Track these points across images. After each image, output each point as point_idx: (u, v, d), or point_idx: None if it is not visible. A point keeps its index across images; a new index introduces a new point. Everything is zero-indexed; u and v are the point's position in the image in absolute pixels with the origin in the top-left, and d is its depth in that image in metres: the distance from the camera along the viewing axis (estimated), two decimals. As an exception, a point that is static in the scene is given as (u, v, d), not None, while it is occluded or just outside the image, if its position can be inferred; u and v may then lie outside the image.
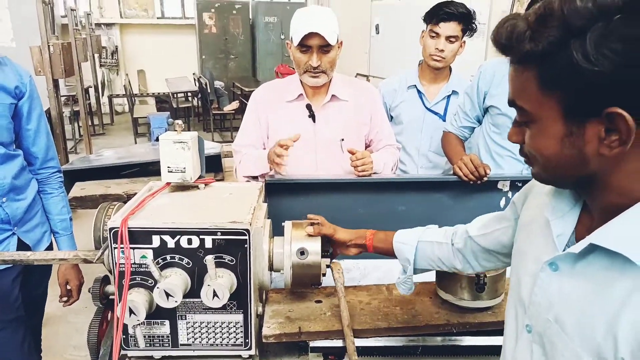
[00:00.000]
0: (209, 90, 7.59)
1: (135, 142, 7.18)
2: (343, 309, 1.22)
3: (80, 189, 2.41)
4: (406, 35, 7.19)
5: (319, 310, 1.32)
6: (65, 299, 1.75)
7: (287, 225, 1.29)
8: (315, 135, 1.87)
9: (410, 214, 1.78)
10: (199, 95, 8.36)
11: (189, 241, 1.14)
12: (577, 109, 0.64)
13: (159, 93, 9.46)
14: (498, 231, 1.02)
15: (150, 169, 2.85)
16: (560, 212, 0.77)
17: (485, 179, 1.65)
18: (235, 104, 7.83)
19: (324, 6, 6.72)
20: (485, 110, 1.90)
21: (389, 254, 1.22)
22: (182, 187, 1.38)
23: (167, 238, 1.13)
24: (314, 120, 1.87)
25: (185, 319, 1.20)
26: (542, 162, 0.72)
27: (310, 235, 1.24)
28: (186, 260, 1.15)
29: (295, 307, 1.34)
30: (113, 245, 1.13)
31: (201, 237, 1.13)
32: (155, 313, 1.18)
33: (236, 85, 8.87)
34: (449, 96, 2.20)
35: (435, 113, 2.21)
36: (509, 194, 1.77)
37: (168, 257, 1.14)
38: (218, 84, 8.34)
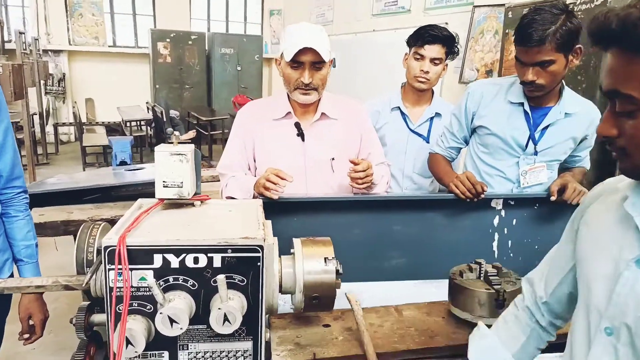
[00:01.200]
0: (164, 119, 7.38)
1: (84, 171, 6.81)
2: (367, 343, 1.14)
3: (39, 215, 2.19)
4: (359, 69, 7.43)
5: (329, 334, 1.23)
6: (26, 335, 1.55)
7: (297, 242, 1.20)
8: (304, 155, 1.80)
9: (405, 233, 1.73)
10: (153, 124, 8.11)
11: (196, 260, 1.02)
12: None
13: (109, 122, 9.10)
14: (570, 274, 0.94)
15: (112, 195, 2.67)
16: None
17: (482, 196, 1.63)
18: (192, 133, 7.65)
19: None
20: (473, 131, 1.91)
21: None
22: (177, 205, 1.26)
23: (170, 257, 1.01)
24: (302, 139, 1.80)
25: (187, 349, 1.07)
26: None
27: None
28: (191, 281, 1.03)
29: (303, 333, 1.23)
30: (108, 267, 1.00)
31: (209, 255, 1.02)
32: (152, 343, 1.04)
33: (192, 114, 8.70)
34: (432, 118, 2.21)
35: (419, 135, 2.21)
36: (502, 212, 1.77)
37: (171, 278, 1.02)
38: (173, 113, 8.15)
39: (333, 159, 1.81)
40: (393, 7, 6.98)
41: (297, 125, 1.80)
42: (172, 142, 1.23)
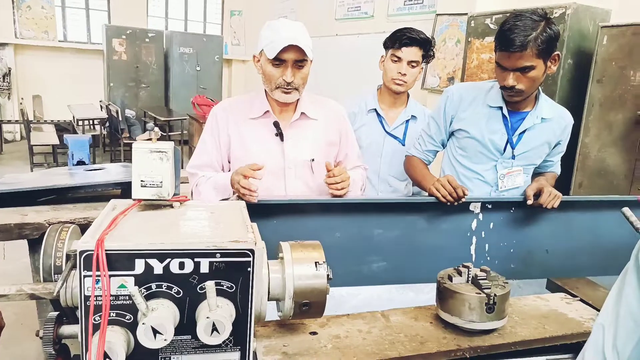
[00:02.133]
0: (120, 119, 7.09)
1: (32, 172, 6.43)
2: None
3: (-11, 217, 2.02)
4: (320, 72, 7.42)
5: (317, 342, 1.17)
6: None
7: (285, 246, 1.15)
8: (283, 155, 1.74)
9: (385, 237, 1.71)
10: (107, 124, 7.78)
11: (181, 265, 0.95)
12: None
13: (58, 120, 8.65)
14: None
15: (68, 196, 2.50)
16: None
17: (463, 200, 1.63)
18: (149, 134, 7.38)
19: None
20: (451, 134, 1.91)
21: None
22: (154, 206, 1.18)
23: (153, 262, 0.93)
24: (282, 139, 1.75)
25: (170, 362, 0.99)
26: None
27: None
28: (176, 288, 0.95)
29: (290, 341, 1.17)
30: (84, 273, 0.90)
31: (196, 260, 0.95)
32: (132, 356, 0.96)
33: (149, 114, 8.41)
34: (407, 121, 2.21)
35: (395, 137, 2.20)
36: (480, 216, 1.78)
37: (153, 285, 0.94)
38: (129, 112, 7.85)
39: (313, 159, 1.76)
40: (356, 13, 7.03)
41: (276, 124, 1.74)
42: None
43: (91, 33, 9.73)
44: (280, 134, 1.74)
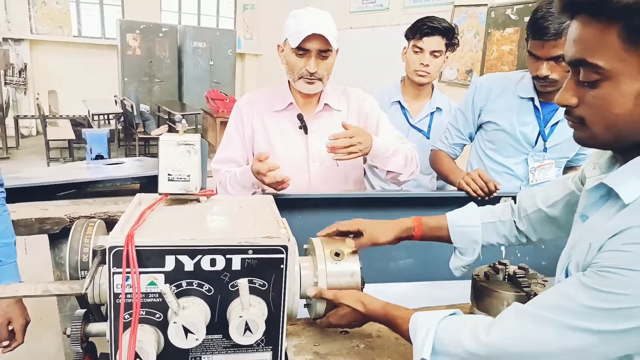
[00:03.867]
0: (134, 113, 7.10)
1: (49, 167, 6.48)
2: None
3: (10, 211, 2.00)
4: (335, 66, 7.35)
5: (348, 342, 1.13)
6: (6, 342, 1.40)
7: (317, 242, 1.11)
8: (307, 148, 1.70)
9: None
10: (122, 119, 7.81)
11: (212, 262, 0.91)
12: None
13: (73, 115, 8.70)
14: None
15: (87, 191, 2.49)
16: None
17: (495, 194, 1.58)
18: (164, 128, 7.39)
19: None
20: (479, 127, 1.85)
21: (441, 240, 1.21)
22: (180, 201, 1.14)
23: (184, 258, 0.90)
24: (305, 132, 1.70)
25: (200, 362, 0.96)
26: (609, 122, 0.73)
27: (353, 252, 1.06)
28: (207, 286, 0.92)
29: (320, 341, 1.14)
30: (113, 270, 0.87)
31: (227, 256, 0.91)
32: (161, 356, 0.92)
33: (163, 109, 8.42)
34: (432, 113, 2.15)
35: (420, 130, 2.14)
36: (510, 211, 1.72)
37: (184, 282, 0.91)
38: (143, 107, 7.86)
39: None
40: (371, 5, 6.94)
41: (300, 117, 1.70)
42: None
43: (105, 28, 9.75)
44: (304, 127, 1.69)
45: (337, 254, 1.06)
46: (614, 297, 0.69)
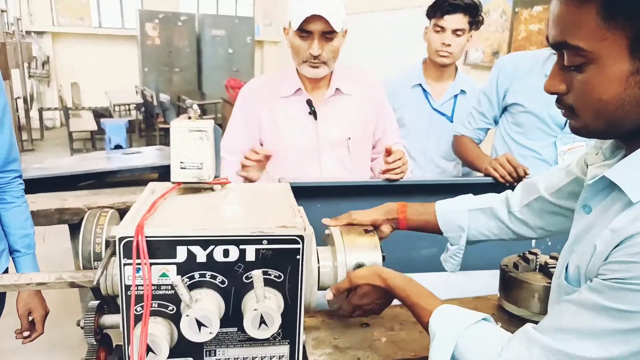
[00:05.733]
0: (154, 103, 7.14)
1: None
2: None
3: (30, 202, 2.01)
4: (354, 50, 7.24)
5: (370, 335, 1.09)
6: (26, 333, 1.40)
7: (335, 231, 1.06)
8: (317, 134, 1.64)
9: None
10: (142, 109, 7.86)
11: (226, 253, 0.87)
12: None
13: (96, 107, 8.81)
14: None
15: (107, 181, 2.49)
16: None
17: (524, 180, 1.50)
18: (183, 117, 7.42)
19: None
20: (504, 109, 1.77)
21: (428, 228, 1.13)
22: (194, 189, 1.10)
23: (196, 249, 0.86)
24: (315, 118, 1.64)
25: (215, 355, 0.93)
26: (597, 108, 0.68)
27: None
28: (220, 278, 0.88)
29: (340, 334, 1.10)
30: (124, 261, 0.84)
31: (241, 247, 0.87)
32: (174, 349, 0.90)
33: (182, 98, 8.44)
34: (456, 95, 2.06)
35: (442, 114, 2.06)
36: (538, 197, 1.64)
37: (197, 274, 0.87)
38: (163, 97, 7.89)
39: (349, 138, 1.66)
40: (392, -13, 6.78)
41: (309, 102, 1.64)
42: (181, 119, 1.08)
43: (124, 18, 9.80)
44: (313, 112, 1.64)
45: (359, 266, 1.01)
46: (631, 316, 0.63)
